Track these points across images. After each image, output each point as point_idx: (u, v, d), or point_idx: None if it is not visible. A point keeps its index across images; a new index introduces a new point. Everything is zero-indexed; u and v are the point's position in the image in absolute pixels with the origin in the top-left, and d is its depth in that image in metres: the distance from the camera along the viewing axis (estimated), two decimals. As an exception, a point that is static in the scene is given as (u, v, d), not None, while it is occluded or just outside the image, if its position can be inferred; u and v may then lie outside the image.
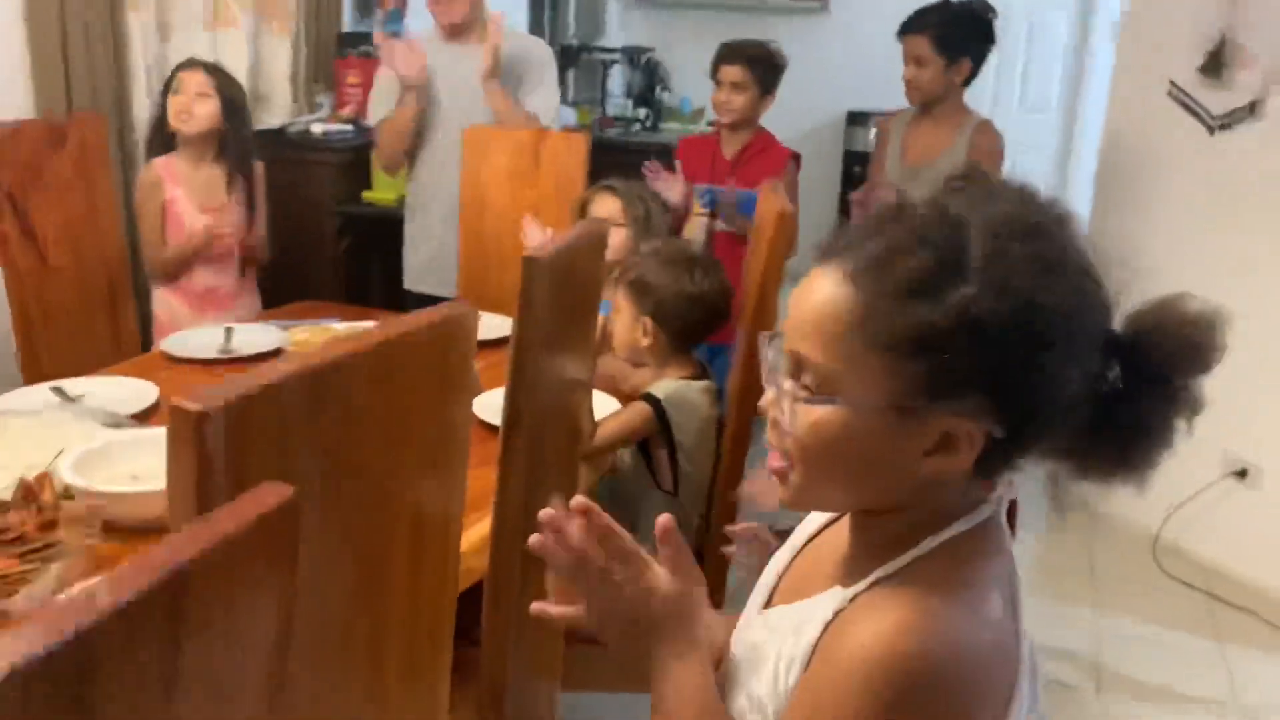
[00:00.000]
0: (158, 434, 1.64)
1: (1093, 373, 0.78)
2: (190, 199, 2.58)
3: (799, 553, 0.95)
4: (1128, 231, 3.13)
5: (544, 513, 0.86)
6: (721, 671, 0.90)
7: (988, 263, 0.75)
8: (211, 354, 2.20)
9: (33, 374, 2.27)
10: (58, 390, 1.93)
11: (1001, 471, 0.81)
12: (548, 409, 1.41)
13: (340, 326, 2.34)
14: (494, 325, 2.49)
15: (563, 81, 5.94)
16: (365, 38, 3.68)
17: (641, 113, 6.15)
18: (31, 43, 2.73)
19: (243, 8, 3.37)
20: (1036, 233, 0.77)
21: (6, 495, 1.43)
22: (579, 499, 0.87)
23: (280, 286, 2.82)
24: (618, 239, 2.40)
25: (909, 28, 2.88)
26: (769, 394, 0.83)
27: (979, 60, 2.88)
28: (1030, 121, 6.06)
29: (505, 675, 1.40)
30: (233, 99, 2.63)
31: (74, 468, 1.48)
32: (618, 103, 6.21)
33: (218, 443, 0.74)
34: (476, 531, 1.44)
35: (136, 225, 2.65)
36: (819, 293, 0.79)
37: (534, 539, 0.87)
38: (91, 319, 2.46)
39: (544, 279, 1.24)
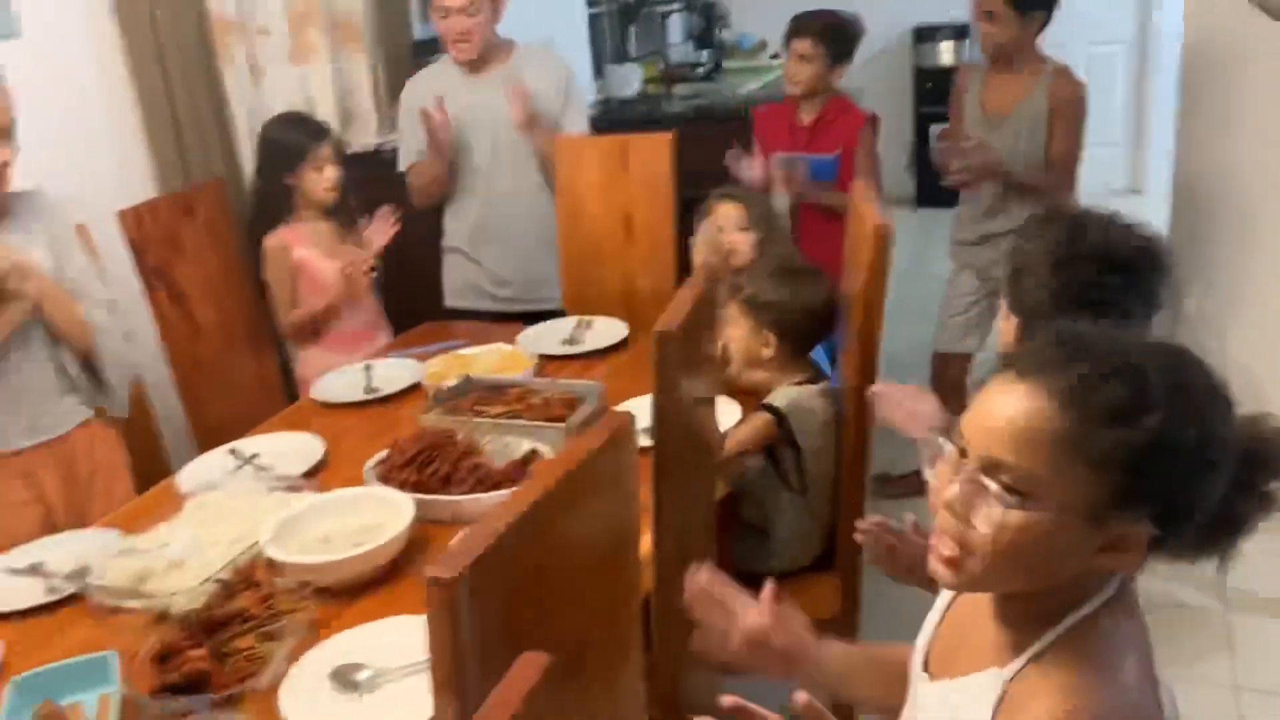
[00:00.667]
0: (337, 498, 1.83)
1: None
2: (317, 256, 2.72)
3: (945, 615, 1.09)
4: (1216, 149, 3.11)
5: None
6: None
7: (1168, 393, 0.87)
8: (358, 395, 2.39)
9: (197, 423, 2.51)
10: (234, 452, 2.14)
11: (1149, 562, 0.93)
12: (685, 431, 1.55)
13: (469, 352, 2.50)
14: (606, 331, 2.64)
15: (624, 39, 5.99)
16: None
17: (704, 55, 6.17)
18: (146, 121, 2.92)
19: (319, 35, 3.50)
20: (1194, 363, 0.90)
21: (225, 575, 1.64)
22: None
23: (393, 302, 2.99)
24: (744, 243, 2.51)
25: None
26: (951, 489, 0.94)
27: (1051, 7, 2.87)
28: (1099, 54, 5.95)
29: (676, 669, 1.57)
30: (344, 154, 2.78)
31: (274, 542, 1.68)
32: (679, 50, 6.22)
33: (464, 598, 0.89)
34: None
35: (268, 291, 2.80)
36: (1019, 406, 0.90)
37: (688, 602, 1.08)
38: (239, 367, 2.67)
39: (674, 351, 1.37)
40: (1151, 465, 0.87)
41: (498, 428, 2.03)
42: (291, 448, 2.14)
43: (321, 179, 2.70)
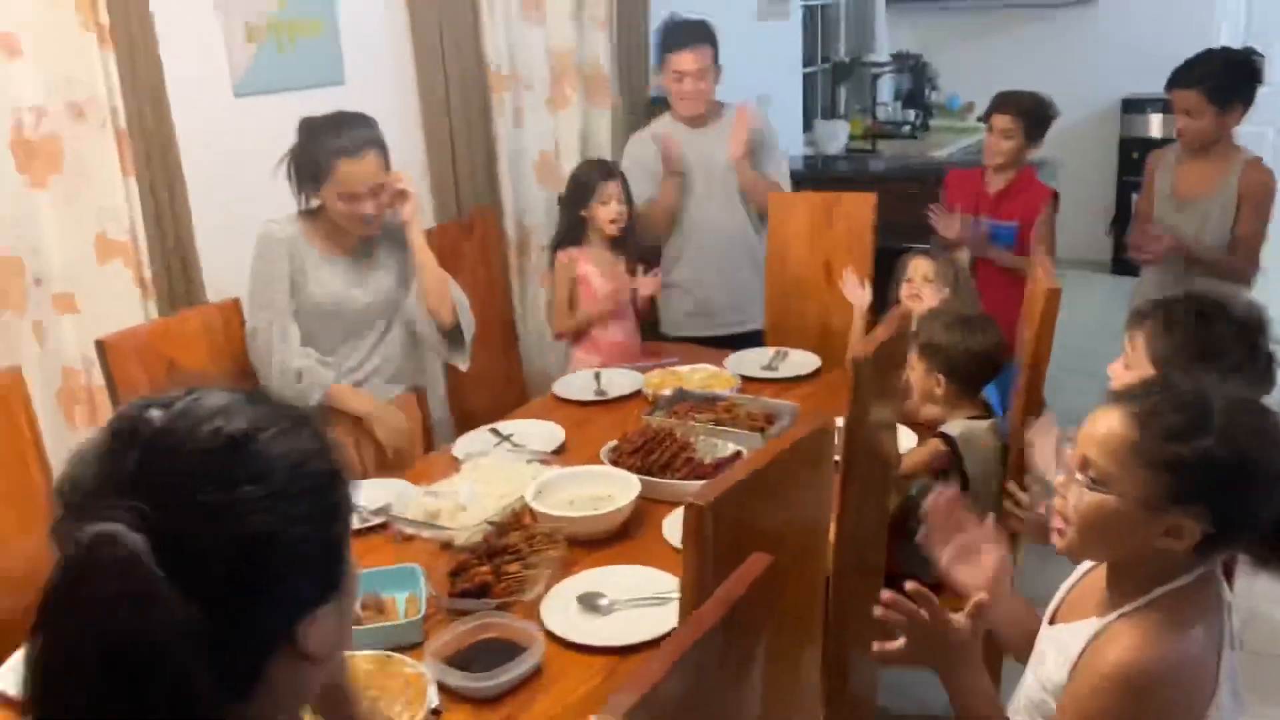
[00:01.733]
0: (580, 471, 2.30)
1: None
2: (597, 275, 3.22)
3: (1077, 582, 1.43)
4: None
5: (885, 595, 1.36)
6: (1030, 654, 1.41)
7: (1225, 425, 1.21)
8: (589, 396, 2.87)
9: (458, 412, 3.03)
10: (494, 431, 2.64)
11: (1214, 555, 1.26)
12: (869, 448, 1.92)
13: (682, 369, 2.94)
14: (801, 362, 3.02)
15: (834, 96, 6.39)
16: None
17: (910, 114, 6.48)
18: (429, 156, 3.52)
19: (573, 88, 4.05)
20: (1258, 410, 1.22)
21: (498, 517, 2.11)
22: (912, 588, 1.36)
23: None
24: (930, 293, 2.86)
25: (1177, 82, 3.04)
26: (1060, 477, 1.31)
27: (1249, 101, 3.05)
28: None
29: (847, 655, 1.93)
30: (631, 199, 3.28)
31: (537, 497, 2.15)
32: (887, 109, 6.56)
33: (709, 525, 1.31)
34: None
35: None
36: (1109, 423, 1.27)
37: (879, 611, 1.36)
38: (493, 365, 3.20)
39: (867, 376, 1.76)
40: (1197, 475, 1.21)
41: (708, 431, 2.45)
42: (538, 431, 2.62)
43: (607, 211, 3.19)
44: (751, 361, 3.03)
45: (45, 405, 2.47)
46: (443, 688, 1.66)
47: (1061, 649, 1.32)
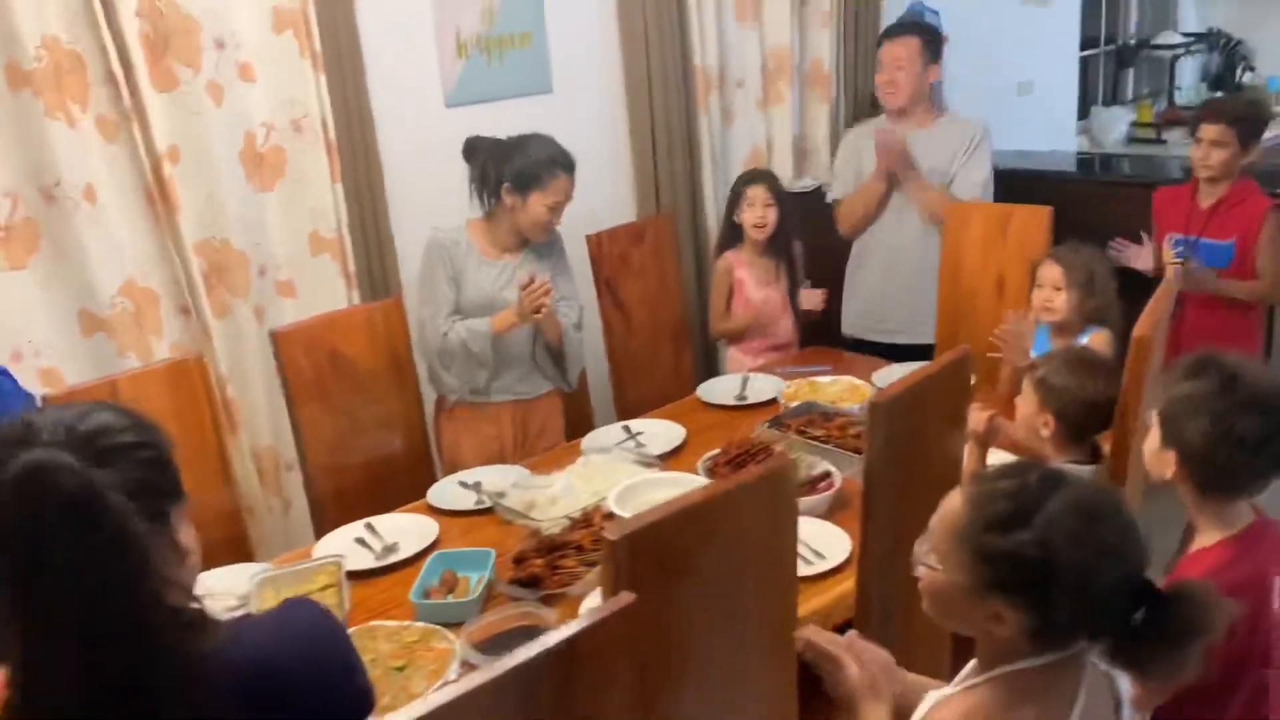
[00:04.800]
0: (667, 477, 2.42)
1: (1117, 607, 1.18)
2: (752, 279, 3.34)
3: None
4: None
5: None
6: None
7: (1045, 525, 1.18)
8: (730, 400, 2.97)
9: (621, 403, 3.24)
10: (626, 429, 2.82)
11: (1058, 644, 1.21)
12: (908, 487, 1.90)
13: (823, 380, 2.97)
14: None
15: (1119, 80, 5.89)
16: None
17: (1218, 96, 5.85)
18: (634, 158, 3.73)
19: (789, 86, 4.09)
20: (1093, 515, 1.17)
21: (577, 514, 2.30)
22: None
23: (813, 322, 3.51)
24: (1060, 301, 2.71)
25: None
26: (923, 545, 1.31)
27: None
28: None
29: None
30: (784, 201, 3.35)
31: (616, 500, 2.31)
32: (1188, 93, 5.96)
33: (624, 558, 1.41)
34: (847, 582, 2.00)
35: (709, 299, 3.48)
36: (953, 501, 1.28)
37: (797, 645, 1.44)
38: (661, 362, 3.37)
39: (883, 419, 1.76)
40: (1007, 568, 1.18)
41: (810, 448, 2.49)
42: (665, 433, 2.77)
43: (752, 216, 3.28)
44: (898, 377, 2.99)
45: (265, 375, 2.95)
46: (468, 666, 1.87)
47: (918, 709, 1.32)
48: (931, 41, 3.51)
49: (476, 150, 2.82)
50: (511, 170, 2.74)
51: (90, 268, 2.67)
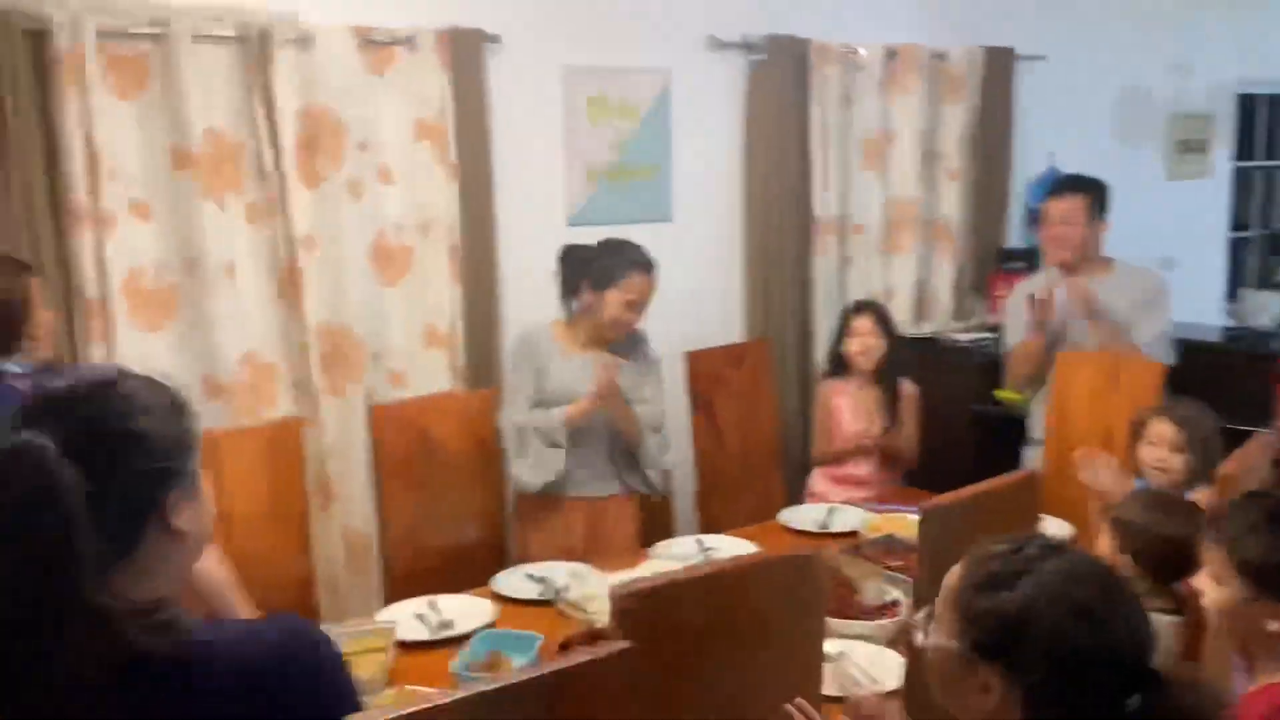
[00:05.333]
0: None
1: (1104, 684, 1.11)
2: (850, 409, 3.31)
3: None
4: None
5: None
6: None
7: (1033, 588, 1.13)
8: (811, 527, 2.91)
9: (704, 520, 3.22)
10: (698, 542, 2.79)
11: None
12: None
13: (911, 517, 2.87)
14: (1053, 529, 2.81)
15: (1269, 264, 5.68)
16: (1026, 254, 4.19)
17: None
18: (747, 286, 3.82)
19: (912, 235, 4.13)
20: (1076, 579, 1.12)
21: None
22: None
23: (922, 469, 3.42)
24: (1178, 463, 2.57)
25: None
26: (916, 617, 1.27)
27: None
28: None
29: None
30: (892, 334, 3.35)
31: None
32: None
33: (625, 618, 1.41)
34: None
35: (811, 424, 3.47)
36: (954, 569, 1.23)
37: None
38: (749, 484, 3.35)
39: (935, 526, 1.71)
40: (992, 628, 1.12)
41: (882, 575, 2.41)
42: (736, 549, 2.72)
43: (856, 344, 3.29)
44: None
45: (368, 458, 3.07)
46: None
47: None
48: (1099, 197, 3.47)
49: (567, 256, 2.95)
50: (592, 269, 2.84)
51: (218, 337, 2.89)
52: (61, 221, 2.68)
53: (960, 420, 3.84)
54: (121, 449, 1.08)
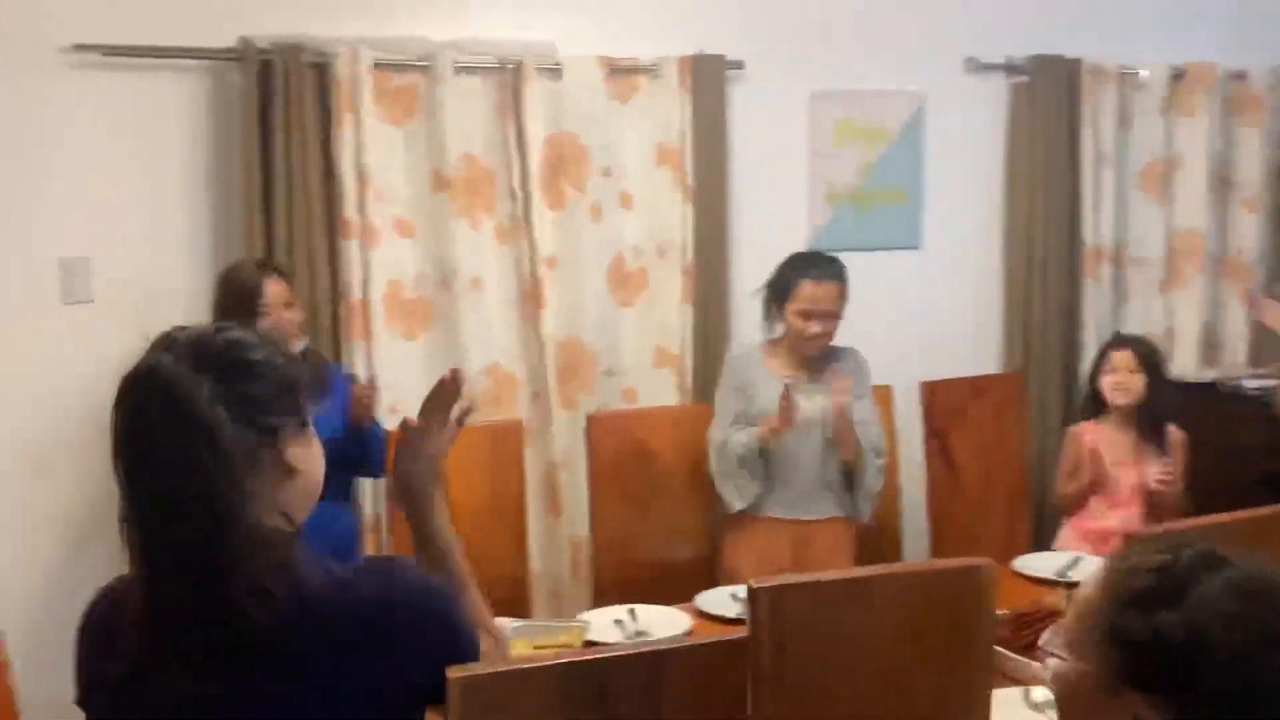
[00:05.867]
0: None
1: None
2: (1107, 451, 3.03)
3: None
4: None
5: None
6: None
7: (1196, 604, 0.96)
8: (1049, 575, 2.68)
9: (936, 545, 3.05)
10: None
11: None
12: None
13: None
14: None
15: None
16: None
17: None
18: (1005, 317, 3.61)
19: (1199, 270, 3.73)
20: (1253, 598, 0.95)
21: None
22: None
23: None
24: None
25: None
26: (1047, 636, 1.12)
27: None
28: None
29: None
30: (1157, 370, 3.05)
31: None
32: None
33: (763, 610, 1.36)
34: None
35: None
36: (1090, 584, 1.08)
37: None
38: (987, 526, 3.14)
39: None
40: (1153, 657, 0.94)
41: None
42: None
43: (1113, 380, 3.01)
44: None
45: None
46: None
47: None
48: None
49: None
50: (772, 285, 2.77)
51: (465, 347, 3.09)
52: (334, 235, 2.97)
53: (1245, 480, 3.41)
54: (245, 377, 1.14)
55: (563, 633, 2.24)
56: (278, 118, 2.87)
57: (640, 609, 2.47)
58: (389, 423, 2.89)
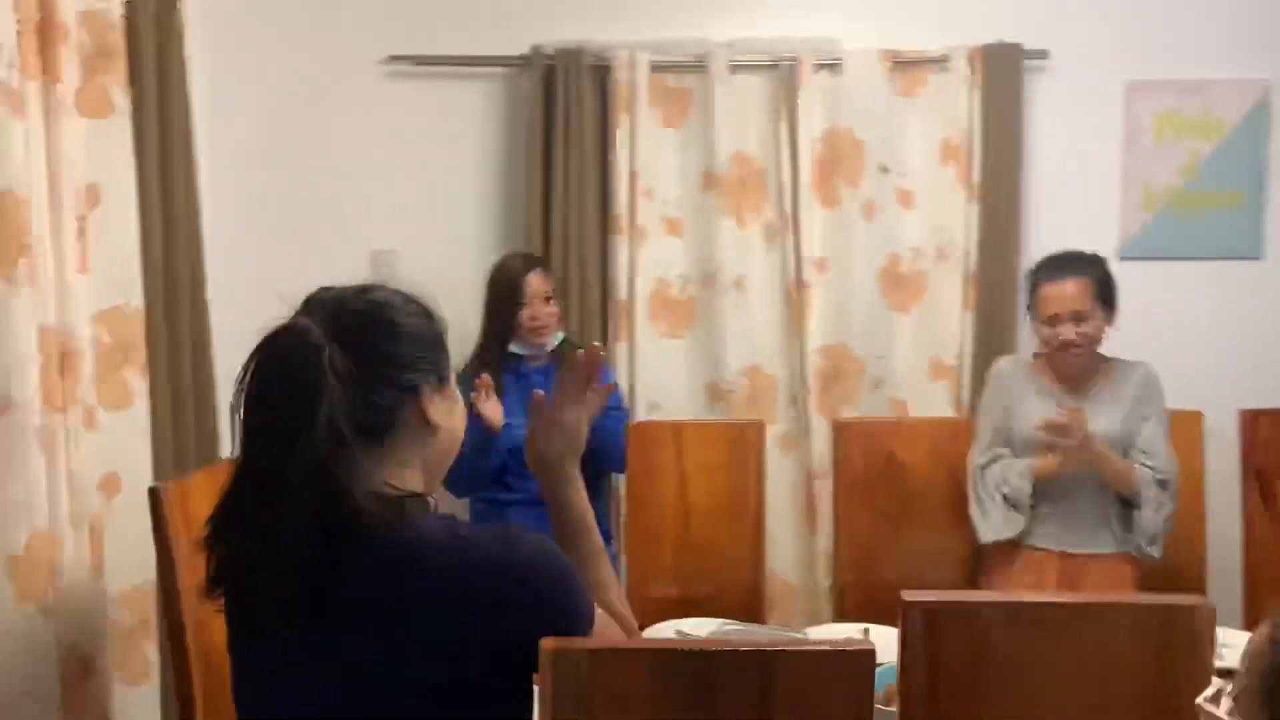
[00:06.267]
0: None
1: None
2: None
3: None
4: None
5: None
6: None
7: None
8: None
9: (1251, 612, 2.60)
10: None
11: None
12: None
13: None
14: None
15: None
16: None
17: None
18: None
19: None
20: None
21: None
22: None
23: None
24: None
25: None
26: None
27: None
28: None
29: None
30: None
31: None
32: None
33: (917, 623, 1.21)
34: None
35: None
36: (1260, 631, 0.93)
37: None
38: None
39: None
40: None
41: None
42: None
43: None
44: None
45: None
46: None
47: None
48: None
49: None
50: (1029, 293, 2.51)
51: (725, 347, 3.05)
52: (606, 232, 3.04)
53: None
54: (384, 337, 1.19)
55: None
56: (559, 119, 2.98)
57: (875, 629, 2.31)
58: (641, 416, 2.93)
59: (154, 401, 2.41)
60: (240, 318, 1.36)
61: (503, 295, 2.71)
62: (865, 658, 1.09)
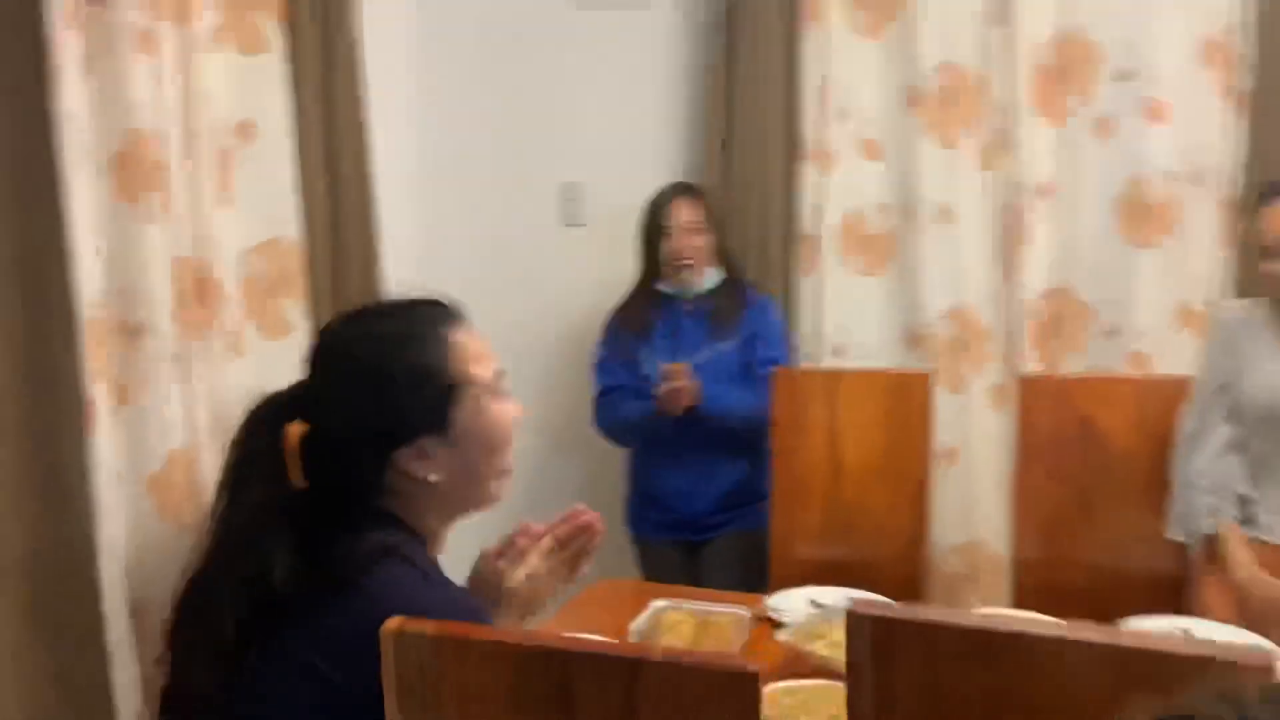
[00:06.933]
0: None
1: None
2: None
3: None
4: None
5: None
6: None
7: None
8: None
9: None
10: None
11: None
12: None
13: None
14: None
15: None
16: None
17: None
18: None
19: None
20: None
21: None
22: None
23: None
24: None
25: None
26: None
27: None
28: None
29: None
30: None
31: None
32: None
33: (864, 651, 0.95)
34: None
35: None
36: None
37: None
38: None
39: None
40: None
41: None
42: None
43: None
44: None
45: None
46: None
47: None
48: None
49: None
50: None
51: (925, 287, 2.70)
52: (791, 159, 2.77)
53: None
54: (362, 409, 1.20)
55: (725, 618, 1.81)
56: (744, 33, 2.74)
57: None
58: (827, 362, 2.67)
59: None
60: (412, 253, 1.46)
61: (650, 226, 2.54)
62: (748, 680, 0.86)
